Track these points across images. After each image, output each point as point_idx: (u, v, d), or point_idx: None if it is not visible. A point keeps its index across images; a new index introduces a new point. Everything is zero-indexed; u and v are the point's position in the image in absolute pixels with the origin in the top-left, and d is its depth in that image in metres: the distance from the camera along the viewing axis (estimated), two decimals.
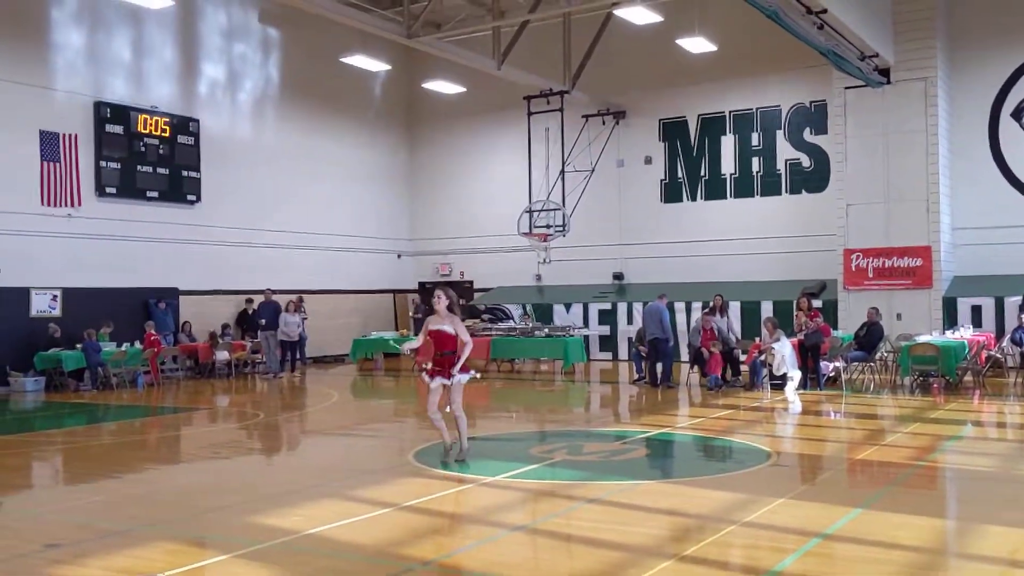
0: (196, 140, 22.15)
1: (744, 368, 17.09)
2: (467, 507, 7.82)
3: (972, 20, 20.69)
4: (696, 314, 19.93)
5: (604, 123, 25.09)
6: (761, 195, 23.53)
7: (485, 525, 7.30)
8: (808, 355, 16.10)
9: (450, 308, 9.64)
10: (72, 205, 19.67)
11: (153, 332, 19.41)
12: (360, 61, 23.43)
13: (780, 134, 23.29)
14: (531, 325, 22.26)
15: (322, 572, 6.23)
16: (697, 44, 21.35)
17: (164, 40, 21.93)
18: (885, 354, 17.26)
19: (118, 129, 20.47)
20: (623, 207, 25.20)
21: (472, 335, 21.26)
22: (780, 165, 23.31)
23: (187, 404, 16.56)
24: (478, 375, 9.83)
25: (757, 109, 23.56)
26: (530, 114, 24.66)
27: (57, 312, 19.18)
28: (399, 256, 28.33)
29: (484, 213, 26.88)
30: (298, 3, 16.84)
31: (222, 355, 20.86)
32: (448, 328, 9.53)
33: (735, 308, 20.18)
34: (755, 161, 23.66)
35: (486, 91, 25.60)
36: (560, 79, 22.62)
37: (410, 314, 24.68)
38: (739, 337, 18.25)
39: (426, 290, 28.53)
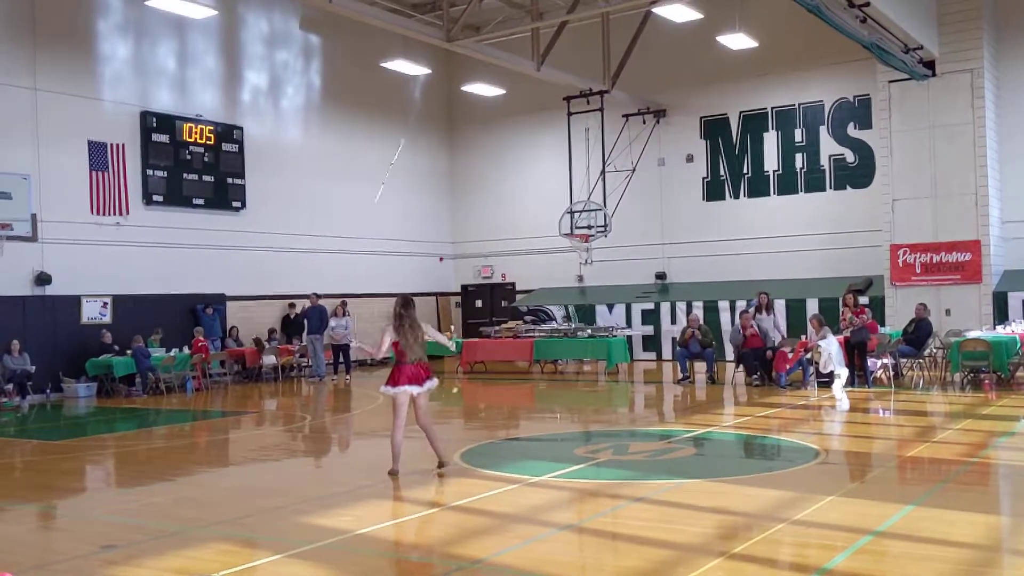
0: (240, 147, 22.44)
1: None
2: (514, 507, 7.83)
3: (1018, 9, 20.31)
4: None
5: (645, 122, 25.00)
6: (805, 191, 23.29)
7: (533, 524, 7.31)
8: (855, 352, 15.91)
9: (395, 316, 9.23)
10: (120, 213, 20.02)
11: (201, 338, 19.69)
12: (400, 65, 23.58)
13: (823, 130, 23.04)
14: (573, 326, 22.24)
15: (373, 572, 6.30)
16: (738, 40, 21.20)
17: (207, 49, 22.25)
18: (934, 350, 17.01)
19: (164, 138, 20.81)
20: (665, 206, 25.09)
21: (515, 336, 21.65)
22: (824, 161, 23.06)
23: (235, 408, 16.78)
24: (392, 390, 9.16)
25: (800, 105, 23.32)
26: (570, 114, 24.63)
27: (107, 319, 19.52)
28: (441, 259, 28.46)
29: (525, 215, 26.90)
30: (339, 9, 16.98)
31: (269, 359, 21.12)
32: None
33: (780, 306, 19.99)
34: (798, 157, 23.43)
35: (526, 93, 25.62)
36: (600, 79, 22.58)
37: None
38: (783, 335, 18.03)
39: (468, 293, 28.67)
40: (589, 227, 23.30)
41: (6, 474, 10.89)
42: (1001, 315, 18.85)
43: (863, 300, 19.11)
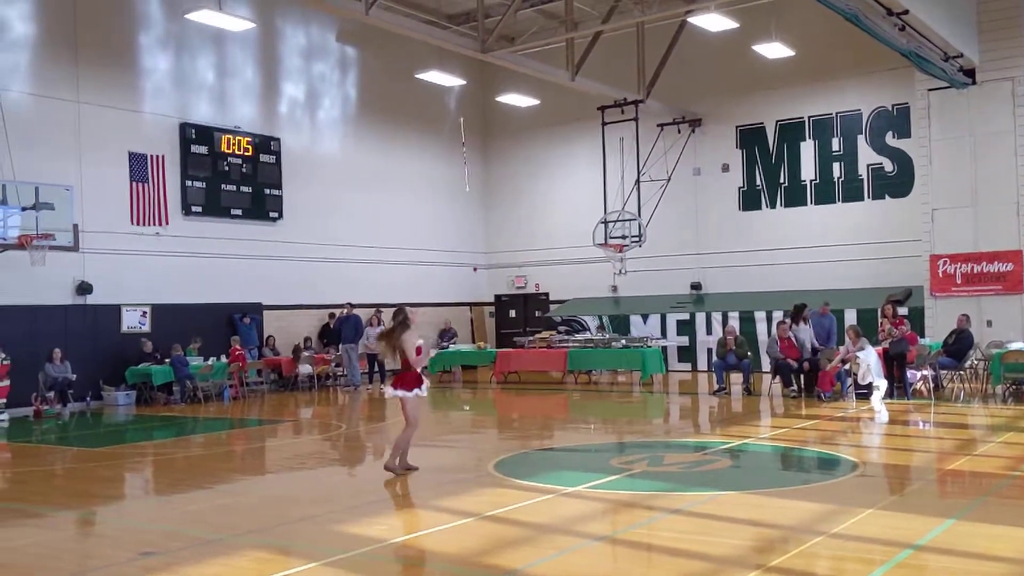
0: (277, 159, 22.66)
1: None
2: (549, 517, 7.82)
3: None
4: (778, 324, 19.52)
5: (680, 131, 24.90)
6: (843, 201, 23.07)
7: (567, 535, 7.29)
8: (894, 364, 15.71)
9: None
10: (160, 224, 20.28)
11: (239, 347, 19.88)
12: (435, 77, 23.68)
13: (861, 139, 22.82)
14: (608, 336, 22.16)
15: None
16: (774, 50, 21.08)
17: (246, 62, 22.51)
18: (975, 362, 16.76)
19: (203, 149, 21.06)
20: (700, 216, 24.97)
21: (548, 347, 21.62)
22: (862, 170, 22.83)
23: (272, 416, 16.91)
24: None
25: (837, 114, 23.13)
26: (604, 124, 24.61)
27: (147, 328, 19.76)
28: (475, 269, 28.51)
29: (559, 225, 26.90)
30: (376, 22, 17.08)
31: (305, 368, 21.26)
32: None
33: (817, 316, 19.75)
34: (836, 167, 23.22)
35: (560, 103, 25.65)
36: (634, 88, 22.54)
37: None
38: (817, 346, 17.67)
39: (502, 303, 28.69)
40: (623, 237, 23.22)
41: (47, 481, 11.06)
42: None
43: (902, 311, 18.88)
